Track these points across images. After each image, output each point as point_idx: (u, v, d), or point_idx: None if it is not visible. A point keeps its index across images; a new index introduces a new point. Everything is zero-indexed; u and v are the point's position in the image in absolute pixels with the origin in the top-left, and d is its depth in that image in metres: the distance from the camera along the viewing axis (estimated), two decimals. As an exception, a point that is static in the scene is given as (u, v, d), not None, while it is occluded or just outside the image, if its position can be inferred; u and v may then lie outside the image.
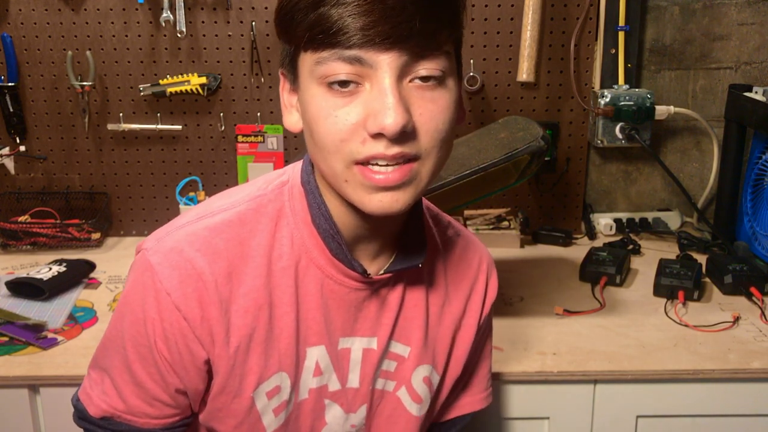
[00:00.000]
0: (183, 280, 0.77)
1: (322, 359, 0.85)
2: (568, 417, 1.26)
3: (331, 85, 0.70)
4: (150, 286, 0.78)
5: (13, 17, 1.69)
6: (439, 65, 0.70)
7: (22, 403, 1.23)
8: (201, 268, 0.78)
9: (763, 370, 1.22)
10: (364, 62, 0.68)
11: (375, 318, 0.87)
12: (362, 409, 0.90)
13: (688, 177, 1.89)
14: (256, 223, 0.81)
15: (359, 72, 0.69)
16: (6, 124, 1.74)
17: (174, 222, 0.84)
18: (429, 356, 0.92)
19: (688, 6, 1.78)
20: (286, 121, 0.79)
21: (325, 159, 0.73)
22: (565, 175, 1.82)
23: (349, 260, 0.81)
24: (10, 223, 1.72)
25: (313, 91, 0.71)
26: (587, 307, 1.43)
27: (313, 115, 0.72)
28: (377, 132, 0.68)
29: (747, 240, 1.69)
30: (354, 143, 0.70)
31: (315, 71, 0.70)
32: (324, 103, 0.70)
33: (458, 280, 0.94)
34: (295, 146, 1.76)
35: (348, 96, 0.70)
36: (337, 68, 0.69)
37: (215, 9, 1.69)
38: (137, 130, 1.74)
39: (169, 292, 0.77)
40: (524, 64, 1.59)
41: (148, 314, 0.78)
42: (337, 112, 0.70)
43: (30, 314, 1.37)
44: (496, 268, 0.99)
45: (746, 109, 1.64)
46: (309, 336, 0.84)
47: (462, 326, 0.95)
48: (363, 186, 0.72)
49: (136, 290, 0.80)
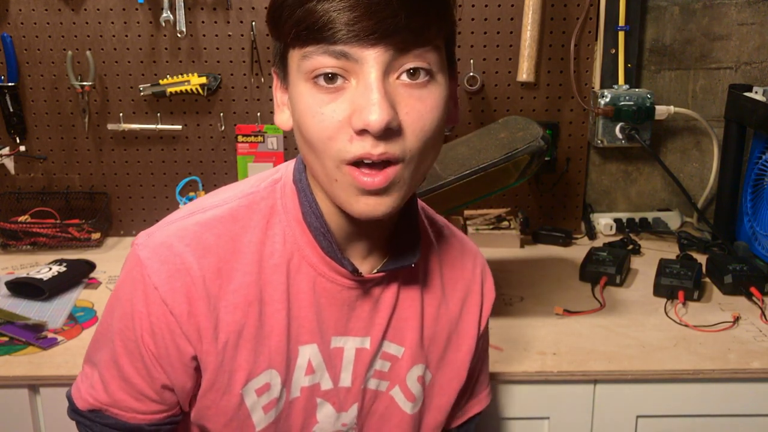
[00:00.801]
0: (171, 274, 0.77)
1: (315, 358, 0.85)
2: (568, 417, 1.26)
3: (316, 80, 0.69)
4: (139, 280, 0.78)
5: (13, 17, 1.69)
6: (427, 60, 0.70)
7: (22, 403, 1.23)
8: (189, 263, 0.78)
9: (763, 370, 1.22)
10: (350, 57, 0.67)
11: (368, 318, 0.87)
12: (354, 408, 0.90)
13: (688, 177, 1.89)
14: (248, 219, 0.81)
15: (345, 66, 0.68)
16: (6, 124, 1.74)
17: (166, 218, 0.84)
18: (423, 356, 0.91)
19: (688, 6, 1.78)
20: (278, 119, 0.79)
21: (315, 158, 0.72)
22: (565, 175, 1.82)
23: (339, 258, 0.81)
24: (10, 223, 1.72)
25: (300, 87, 0.71)
26: (587, 307, 1.43)
27: (301, 112, 0.71)
28: (362, 128, 0.68)
29: (747, 240, 1.69)
30: (341, 141, 0.70)
31: (301, 66, 0.70)
32: (311, 99, 0.70)
33: (454, 280, 0.94)
34: (295, 146, 1.76)
35: (334, 92, 0.69)
36: (323, 62, 0.68)
37: (215, 9, 1.69)
38: (137, 130, 1.75)
39: (156, 286, 0.77)
40: (524, 64, 1.59)
41: (135, 308, 0.78)
42: (323, 109, 0.69)
43: (30, 314, 1.37)
44: (496, 269, 0.99)
45: (746, 109, 1.64)
46: (301, 334, 0.84)
47: (459, 328, 0.94)
48: (351, 187, 0.71)
49: (126, 284, 0.80)
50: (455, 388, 0.95)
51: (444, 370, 0.94)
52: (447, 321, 0.93)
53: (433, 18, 0.69)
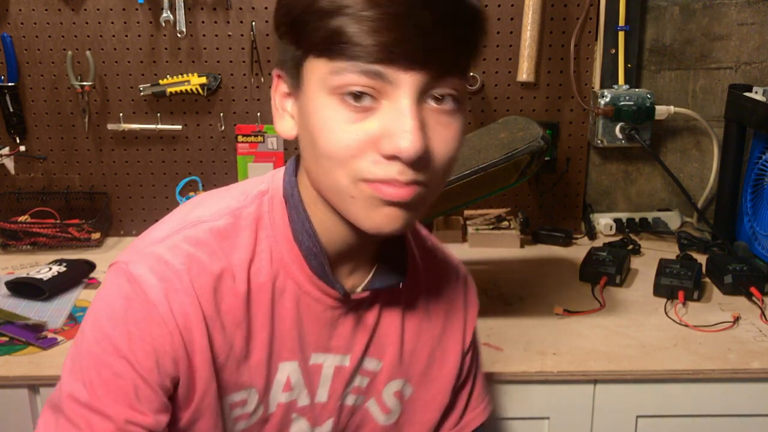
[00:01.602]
0: (169, 292, 0.73)
1: (294, 374, 0.83)
2: (568, 417, 1.26)
3: (344, 96, 0.66)
4: (134, 298, 0.73)
5: (13, 17, 1.69)
6: (456, 87, 0.68)
7: (22, 403, 1.23)
8: (187, 282, 0.74)
9: (763, 370, 1.22)
10: (384, 78, 0.65)
11: (350, 335, 0.85)
12: (328, 423, 0.88)
13: (688, 177, 1.89)
14: (236, 237, 0.78)
15: (378, 87, 0.66)
16: (6, 124, 1.74)
17: (151, 234, 0.79)
18: (403, 371, 0.90)
19: (688, 6, 1.78)
20: (279, 126, 0.76)
21: (327, 172, 0.69)
22: (565, 175, 1.82)
23: (331, 281, 0.79)
24: (10, 223, 1.72)
25: (322, 100, 0.68)
26: (587, 307, 1.43)
27: (319, 126, 0.68)
28: (392, 154, 0.66)
29: (747, 240, 1.69)
30: (364, 161, 0.67)
31: (328, 80, 0.67)
32: (335, 114, 0.67)
33: (437, 294, 0.92)
34: (295, 146, 1.76)
35: (362, 111, 0.67)
36: (355, 80, 0.65)
37: (215, 9, 1.69)
38: (137, 130, 1.75)
39: (155, 303, 0.72)
40: (524, 64, 1.59)
41: (129, 328, 0.72)
42: (349, 126, 0.67)
43: (30, 314, 1.37)
44: (496, 269, 0.99)
45: (746, 109, 1.64)
46: (282, 351, 0.81)
47: (442, 343, 0.93)
48: (372, 199, 0.69)
49: (113, 304, 0.73)
50: (441, 402, 0.94)
51: (428, 385, 0.93)
52: (429, 336, 0.92)
53: (468, 45, 0.69)
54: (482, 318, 1.36)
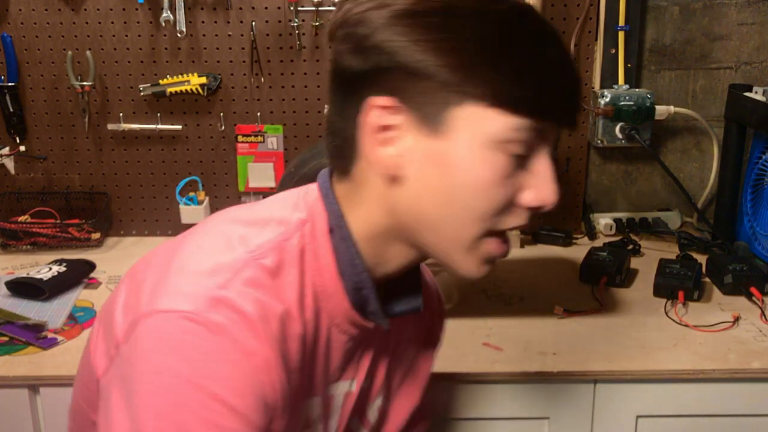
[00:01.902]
0: (263, 340, 0.66)
1: (315, 409, 0.80)
2: (568, 417, 1.26)
3: (510, 152, 0.66)
4: (226, 350, 0.64)
5: (13, 17, 1.69)
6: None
7: (22, 403, 1.23)
8: (262, 330, 0.67)
9: (763, 370, 1.22)
10: (541, 132, 0.67)
11: (357, 361, 0.84)
12: None
13: (688, 177, 1.89)
14: (285, 275, 0.71)
15: (533, 141, 0.67)
16: (6, 124, 1.74)
17: (194, 271, 0.68)
18: (386, 387, 0.91)
19: (688, 6, 1.78)
20: (383, 155, 0.69)
21: (459, 225, 0.68)
22: (565, 175, 1.82)
23: (381, 317, 0.76)
24: (10, 223, 1.72)
25: (482, 153, 0.66)
26: (587, 307, 1.43)
27: (471, 178, 0.66)
28: (539, 206, 0.68)
29: (747, 240, 1.69)
30: (504, 213, 0.69)
31: (500, 134, 0.65)
32: (497, 170, 0.66)
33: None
34: (295, 146, 1.75)
35: (518, 166, 0.68)
36: (526, 137, 0.66)
37: (215, 9, 1.69)
38: (137, 130, 1.74)
39: (253, 351, 0.65)
40: (524, 64, 1.59)
41: (234, 383, 0.64)
42: (505, 181, 0.67)
43: (30, 314, 1.37)
44: (496, 268, 0.99)
45: (746, 109, 1.64)
46: (312, 388, 0.78)
47: (417, 354, 0.94)
48: (486, 256, 0.71)
49: (202, 359, 0.63)
50: (414, 404, 0.96)
51: (400, 395, 0.94)
52: (413, 350, 0.93)
53: None
54: (482, 318, 1.36)
